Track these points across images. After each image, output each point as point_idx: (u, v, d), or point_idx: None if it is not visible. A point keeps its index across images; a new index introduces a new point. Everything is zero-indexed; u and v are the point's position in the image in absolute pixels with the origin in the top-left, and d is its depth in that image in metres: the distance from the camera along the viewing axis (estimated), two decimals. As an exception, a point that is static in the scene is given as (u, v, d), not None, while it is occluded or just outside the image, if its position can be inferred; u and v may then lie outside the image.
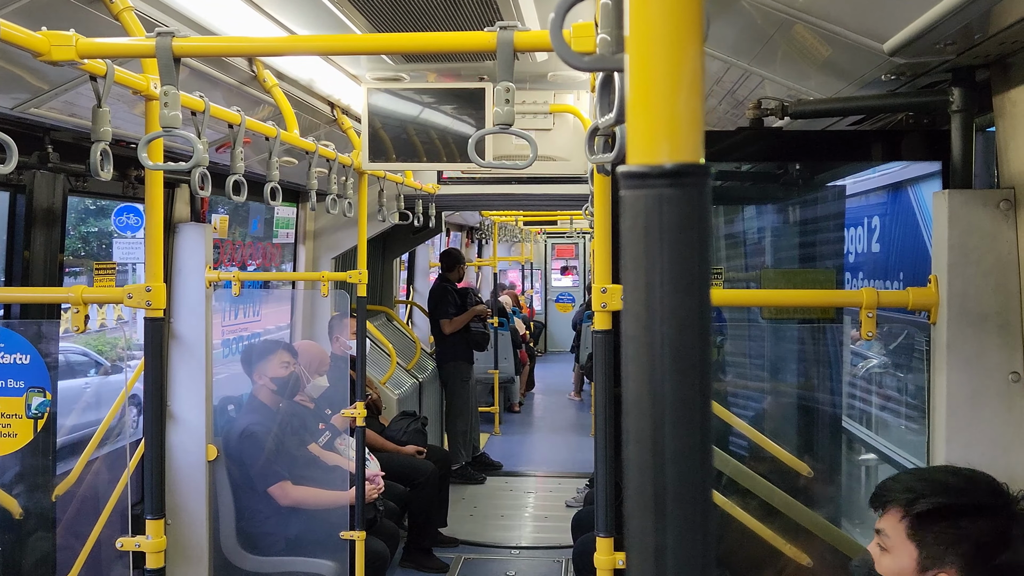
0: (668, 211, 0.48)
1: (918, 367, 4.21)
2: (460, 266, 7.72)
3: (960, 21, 1.60)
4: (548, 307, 16.51)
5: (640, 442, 0.49)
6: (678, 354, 0.48)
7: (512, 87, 1.66)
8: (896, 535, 1.69)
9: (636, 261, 0.49)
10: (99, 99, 1.90)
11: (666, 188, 0.48)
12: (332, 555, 4.11)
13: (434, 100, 3.34)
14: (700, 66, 0.49)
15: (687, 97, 0.49)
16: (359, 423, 4.16)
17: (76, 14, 2.11)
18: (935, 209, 2.04)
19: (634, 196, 0.49)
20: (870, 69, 2.05)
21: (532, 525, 6.53)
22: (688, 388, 0.48)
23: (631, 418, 0.49)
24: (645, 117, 0.49)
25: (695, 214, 0.48)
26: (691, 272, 0.48)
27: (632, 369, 0.49)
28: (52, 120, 2.72)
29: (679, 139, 0.49)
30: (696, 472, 0.48)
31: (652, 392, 0.48)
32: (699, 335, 0.48)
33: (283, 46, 2.22)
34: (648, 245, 0.48)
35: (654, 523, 0.48)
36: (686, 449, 0.48)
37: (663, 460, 0.48)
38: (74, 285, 2.23)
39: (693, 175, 0.48)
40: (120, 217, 7.97)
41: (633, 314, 0.49)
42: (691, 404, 0.48)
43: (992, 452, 1.94)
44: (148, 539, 2.17)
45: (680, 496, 0.48)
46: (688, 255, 0.48)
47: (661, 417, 0.48)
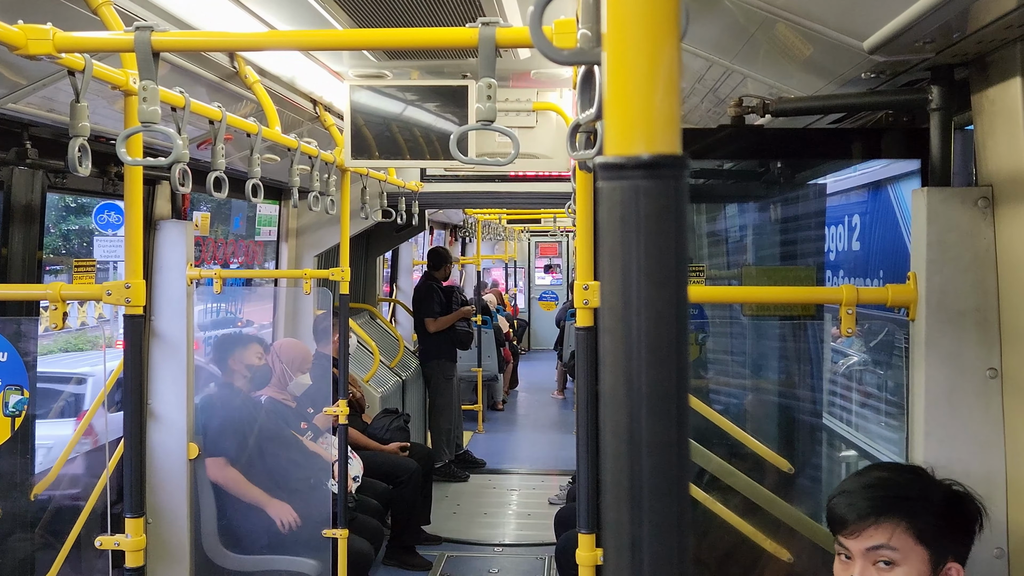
0: (645, 202, 0.48)
1: (898, 364, 4.24)
2: (447, 265, 7.71)
3: (938, 19, 1.61)
4: (532, 305, 16.52)
5: (616, 434, 0.49)
6: (654, 346, 0.48)
7: (494, 83, 1.66)
8: (904, 544, 1.65)
9: (612, 253, 0.49)
10: (77, 94, 1.88)
11: (643, 179, 0.48)
12: (315, 553, 4.09)
13: (417, 97, 3.33)
14: (677, 57, 0.49)
15: (664, 88, 0.49)
16: (342, 421, 4.15)
17: (55, 8, 2.09)
18: (914, 206, 2.06)
19: (611, 187, 0.49)
20: (850, 67, 2.06)
21: (515, 522, 6.54)
22: (664, 380, 0.48)
23: (608, 410, 0.49)
24: (622, 108, 0.49)
25: (672, 205, 0.48)
26: (667, 264, 0.48)
27: (609, 361, 0.49)
28: (30, 116, 2.69)
29: (656, 130, 0.49)
30: (672, 465, 0.48)
31: (628, 384, 0.48)
32: (675, 327, 0.48)
33: (264, 41, 2.21)
34: (624, 236, 0.48)
35: (630, 515, 0.48)
36: (662, 441, 0.48)
37: (639, 452, 0.48)
38: (53, 283, 2.21)
39: (670, 166, 0.48)
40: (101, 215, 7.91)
41: (609, 306, 0.49)
42: (667, 396, 0.48)
43: (970, 448, 1.96)
44: (128, 538, 2.15)
45: (656, 488, 0.48)
46: (665, 246, 0.48)
47: (637, 409, 0.48)
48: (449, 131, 3.31)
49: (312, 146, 3.48)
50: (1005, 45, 1.83)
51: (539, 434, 9.53)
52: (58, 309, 2.14)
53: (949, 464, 1.98)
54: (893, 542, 1.65)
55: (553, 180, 5.39)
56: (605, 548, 0.50)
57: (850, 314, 2.06)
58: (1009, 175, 1.90)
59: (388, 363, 7.00)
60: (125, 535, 2.17)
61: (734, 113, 2.27)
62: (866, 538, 1.68)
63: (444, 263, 7.68)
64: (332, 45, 2.17)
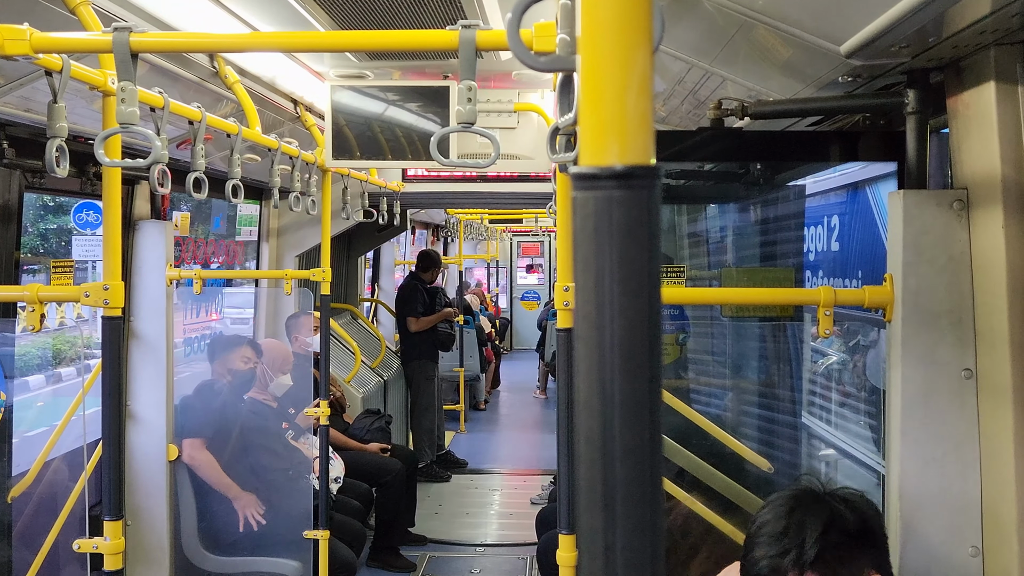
0: (618, 212, 0.49)
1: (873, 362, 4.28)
2: (435, 268, 7.70)
3: (914, 24, 1.63)
4: (514, 305, 16.53)
5: (590, 441, 0.50)
6: (627, 354, 0.49)
7: (474, 86, 1.66)
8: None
9: (586, 262, 0.49)
10: (55, 95, 1.87)
11: (616, 190, 0.49)
12: (296, 554, 4.08)
13: (398, 98, 3.33)
14: (650, 69, 0.49)
15: (637, 99, 0.49)
16: (322, 422, 4.14)
17: (32, 8, 2.07)
18: (890, 209, 2.08)
19: (584, 197, 0.50)
20: (828, 71, 2.08)
21: (497, 522, 6.54)
22: (637, 388, 0.49)
23: (582, 417, 0.50)
24: (595, 119, 0.50)
25: (644, 216, 0.49)
26: (640, 273, 0.49)
27: (583, 368, 0.50)
28: (7, 115, 2.66)
29: (629, 141, 0.49)
30: (645, 471, 0.49)
31: (602, 392, 0.49)
32: (648, 336, 0.49)
33: (244, 43, 2.20)
34: (598, 246, 0.49)
35: (603, 521, 0.49)
36: (635, 448, 0.49)
37: (613, 459, 0.49)
38: (30, 283, 2.19)
39: (643, 177, 0.49)
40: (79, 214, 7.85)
41: (583, 314, 0.50)
42: (640, 404, 0.49)
43: (946, 447, 1.98)
44: (106, 540, 2.14)
45: (629, 495, 0.49)
46: (637, 256, 0.49)
47: (611, 417, 0.49)
48: (431, 131, 3.31)
49: (293, 146, 3.46)
50: (979, 50, 1.85)
51: (521, 434, 9.54)
52: (35, 311, 2.12)
53: (924, 463, 2.00)
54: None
55: (535, 180, 5.40)
56: (579, 553, 0.50)
57: (828, 315, 2.08)
58: (984, 178, 1.92)
59: (370, 363, 6.99)
60: (104, 538, 2.16)
61: (713, 115, 2.29)
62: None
63: (433, 266, 7.67)
64: (314, 47, 2.17)
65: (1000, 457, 1.91)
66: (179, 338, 4.78)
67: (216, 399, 4.16)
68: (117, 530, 2.15)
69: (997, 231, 1.88)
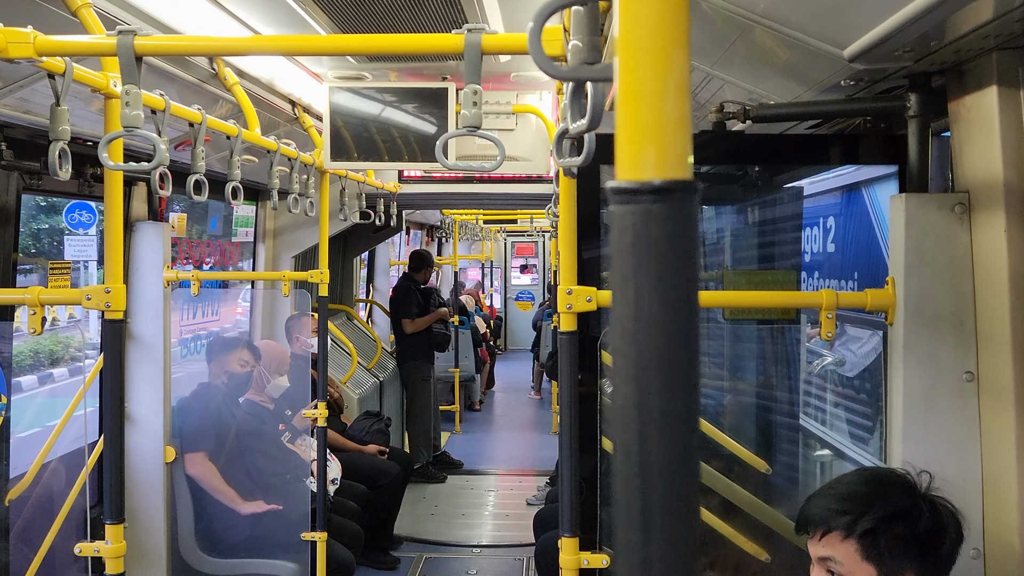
0: (656, 226, 0.49)
1: (872, 365, 4.29)
2: (428, 268, 7.70)
3: (918, 30, 1.63)
4: (508, 305, 16.53)
5: (627, 455, 0.50)
6: (665, 367, 0.49)
7: (479, 89, 1.66)
8: (850, 560, 1.62)
9: (624, 275, 0.50)
10: (57, 97, 1.86)
11: (654, 204, 0.49)
12: (293, 556, 4.07)
13: (397, 99, 3.33)
14: (687, 87, 0.49)
15: (675, 116, 0.49)
16: (320, 423, 4.13)
17: (33, 10, 2.06)
18: (892, 212, 2.08)
19: (623, 211, 0.50)
20: (829, 74, 2.09)
21: (493, 524, 6.55)
22: (675, 401, 0.49)
23: (618, 430, 0.50)
24: (634, 135, 0.50)
25: (682, 229, 0.49)
26: (679, 287, 0.49)
27: (620, 382, 0.50)
28: (5, 117, 2.65)
29: (667, 156, 0.49)
30: (683, 484, 0.49)
31: (639, 405, 0.49)
32: (687, 348, 0.49)
33: (247, 46, 2.20)
34: (636, 260, 0.49)
35: (641, 535, 0.49)
36: (673, 462, 0.49)
37: (650, 473, 0.49)
38: (31, 286, 2.18)
39: (681, 191, 0.49)
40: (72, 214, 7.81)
41: (621, 328, 0.50)
42: (679, 418, 0.49)
43: (946, 449, 1.99)
44: (107, 544, 2.13)
45: (666, 508, 0.49)
46: (676, 270, 0.49)
47: (648, 430, 0.49)
48: (429, 133, 3.31)
49: (291, 148, 3.46)
50: (982, 54, 1.86)
51: (516, 434, 9.55)
52: (36, 314, 2.11)
53: (926, 465, 2.01)
54: (839, 556, 1.64)
55: (531, 181, 5.40)
56: (615, 567, 0.50)
57: (830, 318, 2.08)
58: (985, 181, 1.93)
59: (366, 364, 6.98)
60: (105, 541, 2.15)
61: (715, 119, 2.29)
62: (819, 546, 1.68)
63: (425, 266, 7.67)
64: (317, 50, 2.17)
65: (1001, 459, 1.92)
66: (175, 338, 4.76)
67: (214, 402, 4.15)
68: (118, 533, 2.15)
69: (999, 234, 1.89)
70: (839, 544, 1.64)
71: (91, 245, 8.74)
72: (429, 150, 3.34)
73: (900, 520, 1.62)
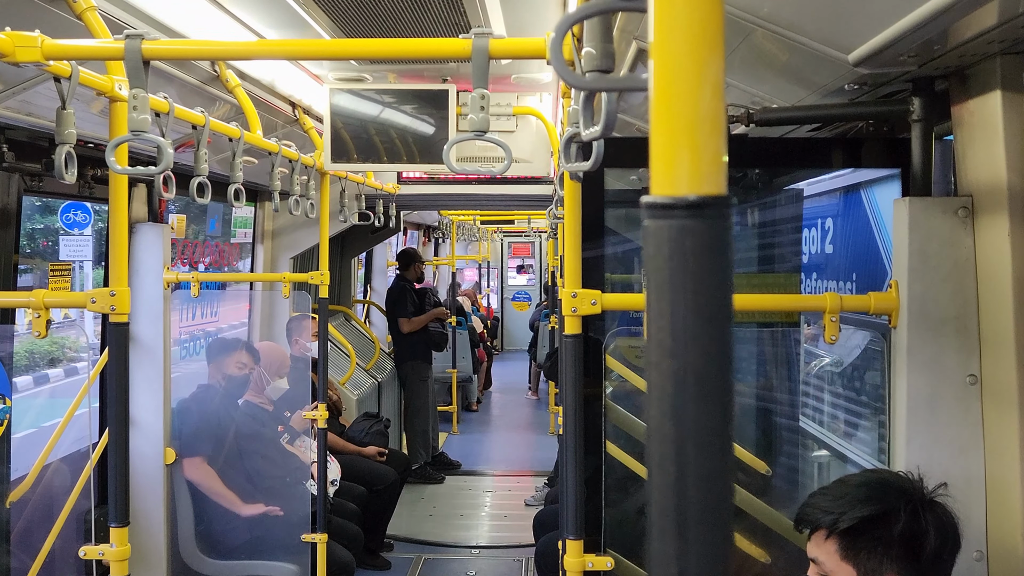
0: (692, 242, 0.49)
1: (870, 366, 4.30)
2: (416, 264, 7.70)
3: (924, 35, 1.64)
4: (504, 306, 16.53)
5: (663, 468, 0.50)
6: (702, 381, 0.49)
7: (487, 94, 1.67)
8: (830, 559, 1.64)
9: (660, 290, 0.50)
10: (63, 101, 1.86)
11: (689, 219, 0.49)
12: (294, 558, 4.07)
13: (397, 101, 3.33)
14: (722, 104, 0.50)
15: (710, 131, 0.50)
16: (320, 425, 4.13)
17: (37, 13, 2.06)
18: (896, 216, 2.09)
19: (657, 226, 0.50)
20: (833, 78, 2.10)
21: (492, 524, 6.55)
22: (711, 415, 0.49)
23: (654, 443, 0.50)
24: (669, 151, 0.50)
25: (718, 245, 0.50)
26: (714, 301, 0.49)
27: (655, 395, 0.50)
28: (6, 118, 2.65)
29: (702, 172, 0.50)
30: (718, 497, 0.50)
31: (676, 419, 0.49)
32: (722, 363, 0.50)
33: (253, 50, 2.20)
34: (672, 274, 0.49)
35: (676, 547, 0.49)
36: (709, 475, 0.49)
37: (686, 486, 0.49)
38: (35, 289, 2.18)
39: (716, 207, 0.50)
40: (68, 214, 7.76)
41: (657, 341, 0.50)
42: (714, 430, 0.49)
43: (950, 452, 2.00)
44: (113, 547, 2.13)
45: (702, 520, 0.49)
46: (712, 285, 0.49)
47: (684, 443, 0.49)
48: (429, 134, 3.31)
49: (291, 149, 3.46)
50: (986, 58, 1.87)
51: (514, 435, 9.55)
52: (41, 317, 2.11)
53: (929, 468, 2.01)
54: (821, 555, 1.66)
55: (530, 182, 5.40)
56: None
57: (834, 321, 2.09)
58: (989, 185, 1.94)
59: (364, 365, 6.98)
60: (110, 545, 2.15)
61: (719, 122, 2.29)
62: (810, 545, 1.70)
63: (412, 263, 7.67)
64: (325, 55, 2.17)
65: (1004, 462, 1.93)
66: (174, 335, 4.76)
67: (213, 404, 4.14)
68: (123, 536, 2.14)
69: (1003, 238, 1.90)
70: (823, 543, 1.66)
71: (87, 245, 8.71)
72: (429, 152, 3.34)
73: (878, 521, 1.63)
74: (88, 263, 8.94)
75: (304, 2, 2.78)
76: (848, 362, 4.26)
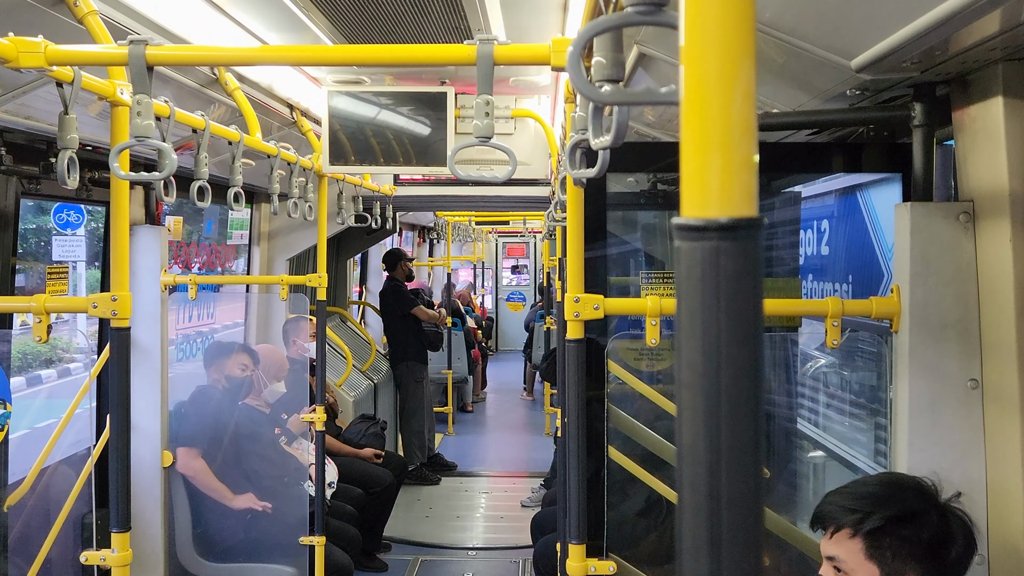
0: (724, 263, 0.49)
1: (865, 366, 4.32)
2: (403, 263, 7.69)
3: (927, 42, 1.65)
4: (499, 306, 16.52)
5: (695, 488, 0.50)
6: (735, 402, 0.49)
7: (492, 100, 1.66)
8: (853, 558, 1.66)
9: (692, 311, 0.50)
10: (66, 106, 1.85)
11: (722, 241, 0.50)
12: (291, 560, 4.07)
13: (395, 103, 3.33)
14: (754, 124, 0.50)
15: (741, 154, 0.50)
16: (318, 427, 4.13)
17: (38, 17, 2.06)
18: (897, 221, 2.10)
19: (690, 247, 0.50)
20: (835, 84, 2.10)
21: (488, 526, 6.55)
22: (743, 435, 0.50)
23: (686, 464, 0.51)
24: (701, 173, 0.50)
25: (750, 266, 0.50)
26: (747, 323, 0.49)
27: (687, 415, 0.50)
28: (4, 122, 2.64)
29: (734, 194, 0.50)
30: (750, 516, 0.50)
31: (709, 439, 0.50)
32: (754, 384, 0.50)
33: (257, 56, 2.20)
34: (704, 296, 0.50)
35: (709, 568, 0.50)
36: (741, 495, 0.50)
37: (719, 506, 0.49)
38: (36, 294, 2.17)
39: (748, 228, 0.50)
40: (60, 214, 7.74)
41: (689, 362, 0.50)
42: (746, 451, 0.49)
43: (951, 456, 2.00)
44: (114, 553, 2.13)
45: (735, 540, 0.49)
46: (744, 306, 0.49)
47: (717, 464, 0.50)
48: (427, 136, 3.31)
49: (290, 152, 3.45)
50: (987, 65, 1.88)
51: (509, 436, 9.56)
52: (43, 322, 2.10)
53: (931, 472, 2.02)
54: (844, 553, 1.67)
55: (527, 184, 5.40)
56: (684, 598, 0.51)
57: (835, 326, 2.10)
58: (990, 191, 1.95)
59: (360, 367, 6.97)
60: (111, 550, 2.14)
61: (720, 127, 2.29)
62: (829, 544, 1.70)
63: (399, 261, 7.67)
64: (328, 61, 2.17)
65: (1006, 466, 1.94)
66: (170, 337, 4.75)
67: (211, 406, 4.14)
68: (125, 542, 2.14)
69: (1004, 243, 1.91)
70: (846, 542, 1.67)
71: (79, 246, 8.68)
72: (427, 154, 3.35)
73: (907, 523, 1.65)
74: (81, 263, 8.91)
75: (304, 5, 2.78)
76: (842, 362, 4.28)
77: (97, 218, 5.64)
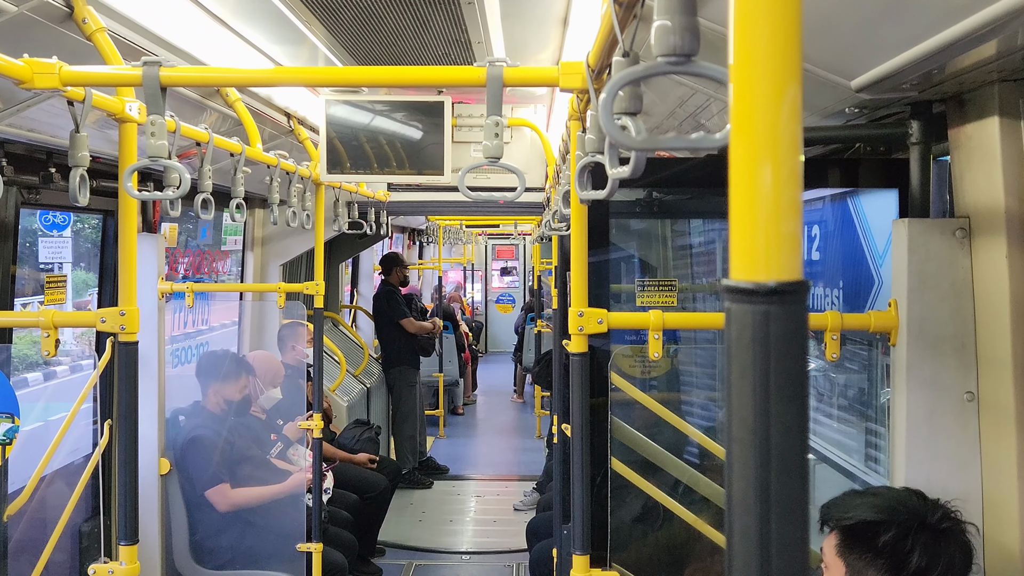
0: (773, 326, 0.52)
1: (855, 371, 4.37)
2: (398, 268, 7.71)
3: (926, 66, 1.68)
4: (488, 308, 16.54)
5: (746, 537, 0.53)
6: (783, 456, 0.52)
7: (502, 121, 1.69)
8: (830, 553, 1.75)
9: (743, 369, 0.53)
10: (77, 124, 1.87)
11: (771, 304, 0.53)
12: (288, 567, 4.08)
13: (393, 112, 3.35)
14: (799, 199, 0.53)
15: (788, 226, 0.53)
16: (316, 435, 4.14)
17: (46, 34, 2.07)
18: (895, 236, 2.14)
19: (741, 310, 0.53)
20: (834, 102, 2.14)
21: (481, 529, 6.57)
22: (791, 487, 0.53)
23: (737, 515, 0.54)
24: (751, 240, 0.53)
25: (797, 327, 0.53)
26: (794, 382, 0.52)
27: (738, 468, 0.53)
28: (5, 134, 2.65)
29: (782, 260, 0.53)
30: (798, 565, 0.53)
31: (759, 491, 0.53)
32: (801, 439, 0.53)
33: (272, 78, 2.23)
34: (754, 356, 0.53)
35: (760, 611, 0.53)
36: (790, 545, 0.53)
37: (769, 557, 0.53)
38: (43, 308, 2.18)
39: (794, 292, 0.53)
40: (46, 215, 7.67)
41: (740, 418, 0.53)
42: (795, 502, 0.53)
43: (948, 468, 2.05)
44: (123, 566, 2.14)
45: (784, 585, 0.52)
46: (791, 366, 0.52)
47: (767, 515, 0.53)
48: (425, 145, 3.34)
49: (289, 162, 3.47)
50: (984, 85, 1.92)
51: (500, 439, 9.58)
52: (50, 336, 2.12)
53: (928, 485, 2.07)
54: (825, 549, 1.77)
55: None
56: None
57: (835, 339, 2.14)
58: (986, 208, 1.99)
59: (353, 371, 6.98)
60: (119, 563, 2.16)
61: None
62: (824, 540, 1.80)
63: (395, 266, 7.69)
64: (342, 82, 2.20)
65: (1002, 478, 1.98)
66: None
67: (215, 432, 4.12)
68: (132, 555, 2.15)
69: (1000, 259, 1.95)
70: (829, 536, 1.77)
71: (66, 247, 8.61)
72: (424, 162, 3.37)
73: (874, 527, 1.71)
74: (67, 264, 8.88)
75: (305, 18, 2.79)
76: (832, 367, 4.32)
77: (83, 219, 5.60)
